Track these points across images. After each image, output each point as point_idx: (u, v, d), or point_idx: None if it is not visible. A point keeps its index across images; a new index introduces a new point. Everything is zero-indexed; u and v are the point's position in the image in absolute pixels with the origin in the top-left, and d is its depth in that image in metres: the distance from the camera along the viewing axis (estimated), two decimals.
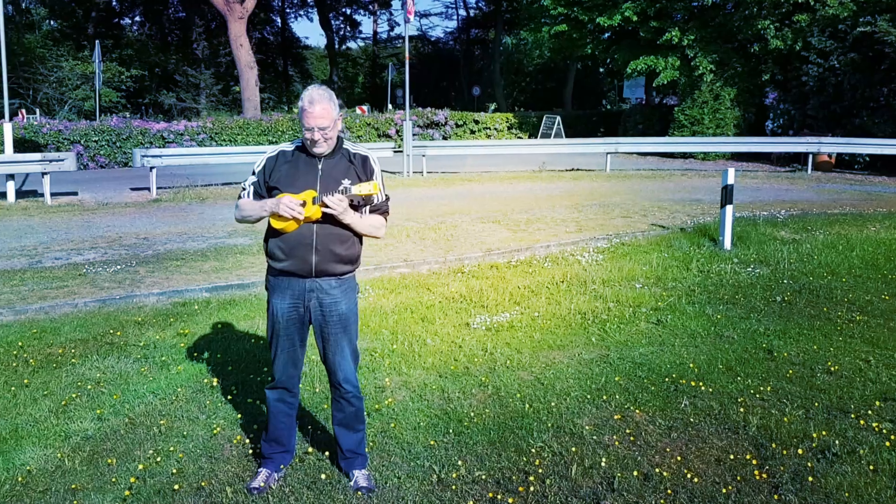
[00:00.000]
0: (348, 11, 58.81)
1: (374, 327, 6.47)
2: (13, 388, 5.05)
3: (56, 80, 35.29)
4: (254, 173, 3.71)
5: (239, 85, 32.06)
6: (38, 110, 32.02)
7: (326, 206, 3.46)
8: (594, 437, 4.45)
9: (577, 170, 20.10)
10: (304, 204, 3.51)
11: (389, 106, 35.92)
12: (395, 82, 46.44)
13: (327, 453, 4.10)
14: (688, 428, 4.59)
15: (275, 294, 3.72)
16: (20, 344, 5.85)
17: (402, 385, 5.22)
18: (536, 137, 29.31)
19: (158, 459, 4.09)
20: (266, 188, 3.64)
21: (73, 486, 3.80)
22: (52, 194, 13.87)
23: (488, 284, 7.94)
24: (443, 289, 7.75)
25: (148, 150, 15.19)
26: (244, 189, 3.72)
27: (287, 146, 3.72)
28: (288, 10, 58.14)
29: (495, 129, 30.26)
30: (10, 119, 21.77)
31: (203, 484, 3.84)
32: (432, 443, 4.33)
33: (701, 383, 5.20)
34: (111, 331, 6.20)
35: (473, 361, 5.68)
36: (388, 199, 3.81)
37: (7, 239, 10.18)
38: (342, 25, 60.82)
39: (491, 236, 10.41)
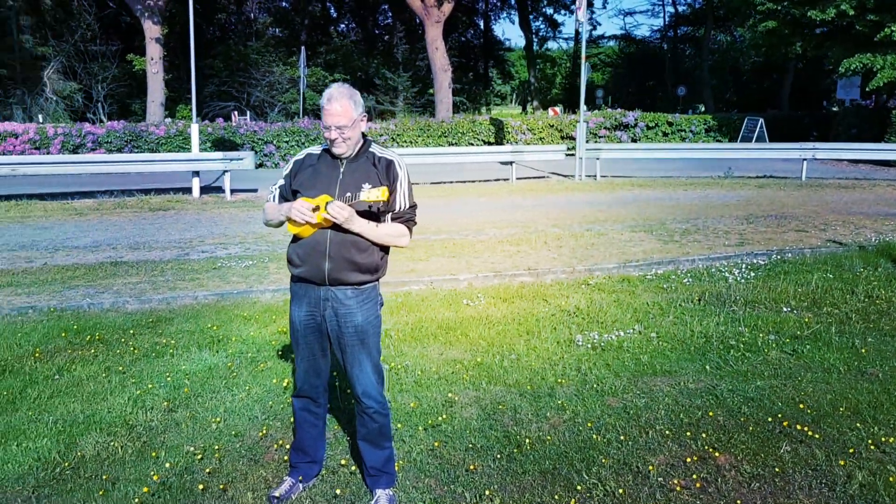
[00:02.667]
0: (549, 11, 58.50)
1: (472, 337, 6.24)
2: (110, 375, 5.33)
3: (267, 84, 37.92)
4: (283, 176, 3.62)
5: (433, 87, 32.85)
6: (248, 112, 34.58)
7: (331, 215, 3.30)
8: (659, 479, 3.97)
9: (769, 177, 18.63)
10: (317, 209, 3.36)
11: (583, 107, 35.33)
12: (593, 83, 45.62)
13: (354, 468, 3.95)
14: (776, 479, 3.98)
15: (293, 301, 3.62)
16: (132, 332, 6.21)
17: (473, 401, 4.96)
18: (737, 141, 27.53)
19: (199, 457, 4.12)
20: (291, 191, 3.53)
21: (113, 476, 3.90)
22: (232, 191, 14.81)
23: (612, 299, 7.45)
24: (561, 301, 7.36)
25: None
26: (271, 192, 3.64)
27: (315, 149, 3.59)
28: (490, 13, 58.83)
29: (691, 131, 28.74)
30: (225, 120, 23.74)
31: (228, 487, 3.81)
32: (472, 467, 4.04)
33: (813, 428, 4.51)
34: (218, 325, 6.42)
35: (562, 382, 5.30)
36: (413, 207, 3.57)
37: (172, 231, 10.97)
38: (542, 26, 60.67)
39: (636, 246, 9.80)
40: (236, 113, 33.54)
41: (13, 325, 6.38)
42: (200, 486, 3.77)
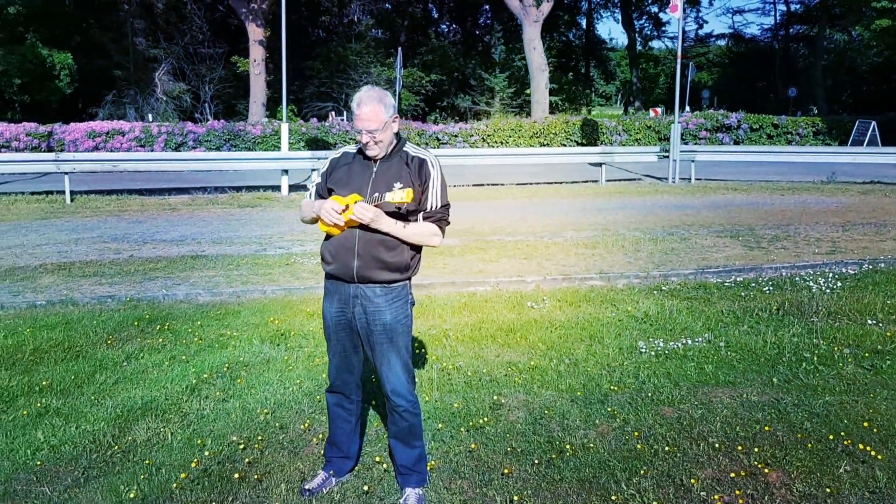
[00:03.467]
0: (654, 10, 57.23)
1: (531, 341, 6.17)
2: (173, 364, 5.54)
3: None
4: (320, 174, 3.67)
5: (530, 88, 32.66)
6: (345, 113, 35.26)
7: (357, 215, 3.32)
8: (701, 493, 3.82)
9: (875, 182, 17.66)
10: (346, 209, 3.39)
11: (687, 108, 34.39)
12: (700, 83, 44.30)
13: (388, 466, 3.96)
14: (828, 499, 3.77)
15: (326, 297, 3.66)
16: (199, 323, 6.42)
17: (521, 405, 4.90)
18: (847, 144, 26.23)
19: (242, 447, 4.22)
20: (326, 189, 3.57)
21: (159, 462, 4.04)
22: None
23: (685, 306, 7.22)
24: (630, 306, 7.18)
25: None
26: (308, 190, 3.69)
27: (351, 148, 3.62)
28: (592, 11, 58.07)
29: (798, 134, 27.56)
30: (320, 121, 24.33)
31: (264, 477, 3.89)
32: (507, 471, 3.99)
33: (878, 448, 4.24)
34: (282, 319, 6.58)
35: (617, 389, 5.18)
36: (446, 206, 3.55)
37: (255, 227, 11.30)
38: (645, 24, 59.45)
39: (718, 252, 9.47)
40: (333, 113, 34.26)
41: (92, 312, 6.71)
42: (237, 476, 3.86)
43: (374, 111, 3.37)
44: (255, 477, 3.89)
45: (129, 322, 6.42)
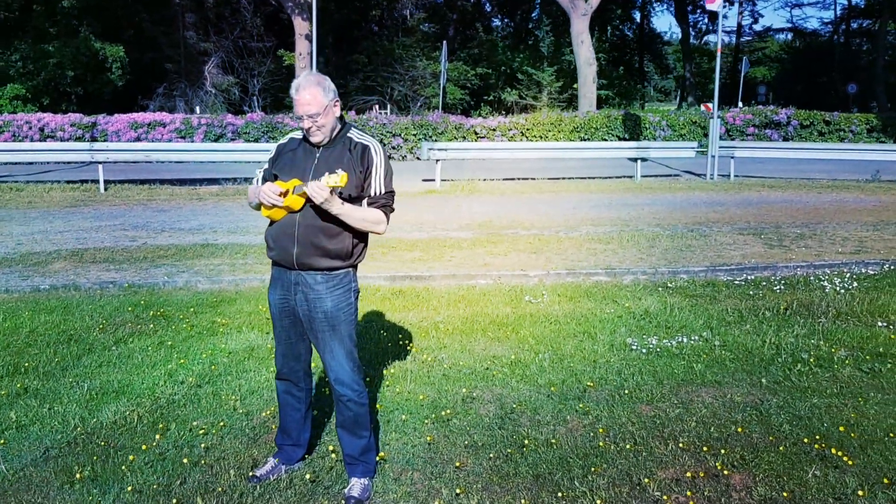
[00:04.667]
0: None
1: (522, 335, 6.10)
2: (160, 349, 5.62)
3: (410, 78, 38.68)
4: (268, 160, 3.67)
5: (577, 82, 32.34)
6: (389, 106, 35.41)
7: (308, 195, 3.29)
8: (656, 493, 3.73)
9: None
10: (285, 193, 3.38)
11: (739, 104, 33.65)
12: (754, 78, 43.25)
13: (337, 454, 3.95)
14: None
15: (270, 284, 3.67)
16: (193, 310, 6.51)
17: (495, 399, 4.85)
18: None
19: (203, 432, 4.26)
20: (272, 175, 3.57)
21: (119, 444, 4.10)
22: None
23: (689, 304, 7.06)
24: (632, 303, 7.05)
25: (434, 143, 15.97)
26: (255, 176, 3.70)
27: (298, 134, 3.61)
28: (647, 5, 57.22)
29: (850, 131, 26.73)
30: (359, 114, 24.45)
31: (215, 462, 3.92)
32: (458, 464, 3.95)
33: (854, 453, 4.09)
34: None
35: (597, 386, 5.09)
36: (389, 193, 3.51)
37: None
38: (700, 18, 58.34)
39: (736, 250, 9.24)
40: (377, 106, 34.44)
41: (92, 297, 6.86)
42: (185, 460, 3.89)
43: (313, 95, 3.35)
44: (207, 462, 3.92)
45: (125, 308, 6.54)
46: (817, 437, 4.30)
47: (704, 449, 4.17)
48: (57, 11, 31.24)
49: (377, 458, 3.87)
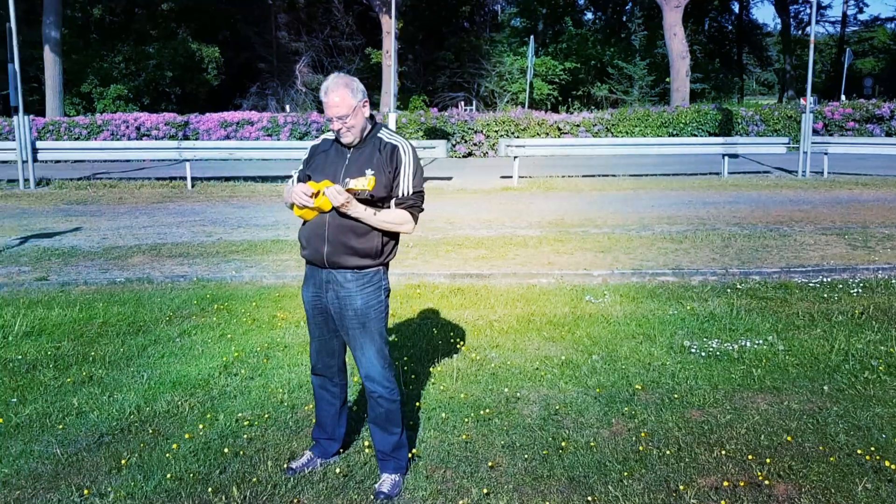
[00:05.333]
0: None
1: (578, 336, 6.03)
2: (220, 342, 5.81)
3: (497, 74, 38.63)
4: (302, 161, 3.75)
5: (670, 76, 31.62)
6: (474, 102, 35.47)
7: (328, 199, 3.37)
8: (692, 500, 3.64)
9: None
10: (316, 194, 3.45)
11: (842, 97, 32.19)
12: (859, 70, 41.24)
13: (371, 450, 4.00)
14: None
15: (304, 282, 3.75)
16: (255, 304, 6.71)
17: (540, 399, 4.81)
18: None
19: (247, 423, 4.39)
20: (306, 176, 3.65)
21: (169, 433, 4.27)
22: (426, 178, 15.31)
23: (758, 306, 6.83)
24: (697, 305, 6.87)
25: (512, 140, 15.92)
26: (291, 176, 3.78)
27: (331, 135, 3.67)
28: None
29: None
30: (440, 110, 24.59)
31: (256, 453, 4.03)
32: (491, 464, 3.95)
33: None
34: None
35: (647, 389, 4.99)
36: (418, 193, 3.55)
37: None
38: (801, 7, 56.00)
39: (816, 251, 8.86)
40: (462, 103, 34.56)
41: (163, 290, 7.15)
42: (227, 450, 4.02)
43: (341, 97, 3.41)
44: (246, 453, 4.03)
45: (192, 301, 6.79)
46: (873, 448, 4.11)
47: (750, 457, 4.04)
48: (157, 14, 32.63)
49: (409, 455, 3.90)
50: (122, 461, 3.93)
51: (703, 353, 5.63)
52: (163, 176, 15.98)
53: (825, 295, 7.16)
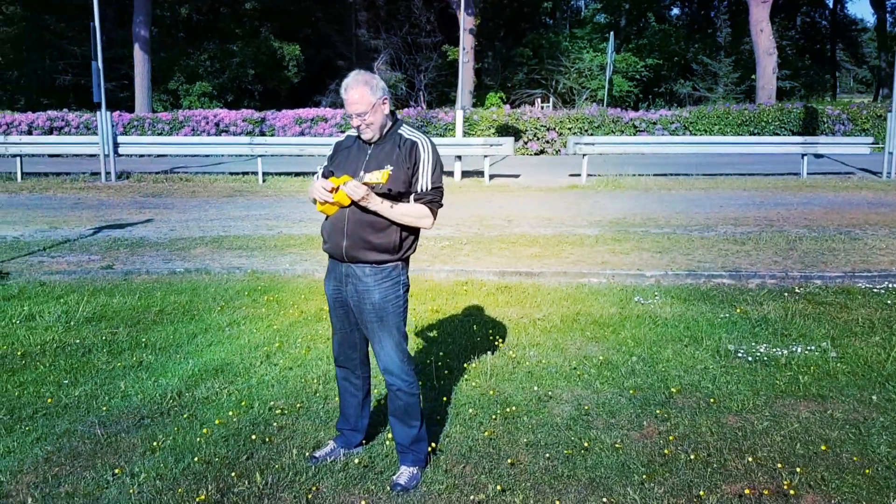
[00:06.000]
0: None
1: (622, 337, 5.95)
2: (267, 332, 5.98)
3: (576, 71, 38.22)
4: (327, 158, 3.84)
5: (755, 73, 30.73)
6: (552, 99, 35.20)
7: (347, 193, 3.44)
8: None
9: None
10: (336, 189, 3.52)
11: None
12: None
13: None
14: None
15: (326, 275, 3.83)
16: (304, 297, 6.88)
17: (573, 399, 4.78)
18: None
19: (279, 412, 4.51)
20: (329, 172, 3.73)
21: (204, 418, 4.43)
22: (492, 176, 15.33)
23: (816, 311, 6.61)
24: (751, 308, 6.69)
25: (580, 138, 15.75)
26: (316, 172, 3.87)
27: (353, 131, 3.74)
28: None
29: None
30: (513, 107, 24.55)
31: (284, 441, 4.15)
32: (511, 461, 3.96)
33: None
34: None
35: (685, 392, 4.91)
36: (436, 189, 3.59)
37: None
38: None
39: (887, 255, 8.49)
40: (539, 100, 34.35)
41: (219, 281, 7.39)
42: (254, 437, 4.15)
43: (361, 94, 3.48)
44: (274, 440, 4.15)
45: (245, 292, 6.99)
46: None
47: (780, 465, 3.93)
48: (241, 13, 33.54)
49: (430, 449, 3.94)
50: (156, 443, 4.10)
51: (749, 358, 5.49)
52: (237, 171, 16.46)
53: (889, 301, 6.88)
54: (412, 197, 3.57)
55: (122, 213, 11.49)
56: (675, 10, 52.61)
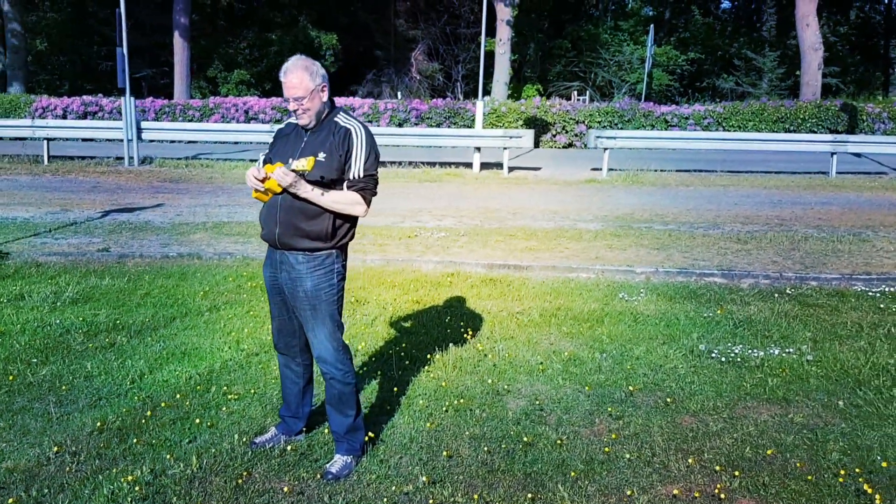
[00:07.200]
0: None
1: (597, 333, 5.89)
2: (244, 317, 6.06)
3: (616, 64, 37.79)
4: (269, 145, 3.88)
5: (800, 68, 30.09)
6: (588, 92, 34.83)
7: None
8: None
9: None
10: (266, 177, 3.56)
11: None
12: None
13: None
14: None
15: (264, 262, 3.87)
16: None
17: (530, 394, 4.76)
18: None
19: (233, 398, 4.57)
20: (269, 159, 3.77)
21: (155, 401, 4.52)
22: (511, 168, 15.27)
23: (803, 313, 6.48)
24: (737, 308, 6.59)
25: (602, 132, 15.58)
26: (258, 160, 3.91)
27: (294, 119, 3.77)
28: None
29: None
30: (550, 98, 24.38)
31: (229, 426, 4.20)
32: (447, 454, 3.96)
33: (884, 493, 3.64)
34: (367, 287, 6.88)
35: (646, 391, 4.86)
36: (369, 177, 3.60)
37: (416, 200, 11.72)
38: None
39: (894, 258, 8.27)
40: (576, 93, 34.04)
41: (208, 267, 7.48)
42: (199, 421, 4.22)
43: (299, 79, 3.50)
44: (220, 425, 4.21)
45: (231, 277, 7.08)
46: (860, 469, 3.85)
47: (717, 468, 3.87)
48: (280, 2, 33.82)
49: (365, 439, 3.96)
50: (105, 424, 4.18)
51: (722, 359, 5.42)
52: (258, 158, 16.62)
53: (882, 305, 6.70)
54: (345, 184, 3.59)
55: (136, 197, 11.71)
56: (726, 4, 51.67)
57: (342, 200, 3.57)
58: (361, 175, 3.58)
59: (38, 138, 15.95)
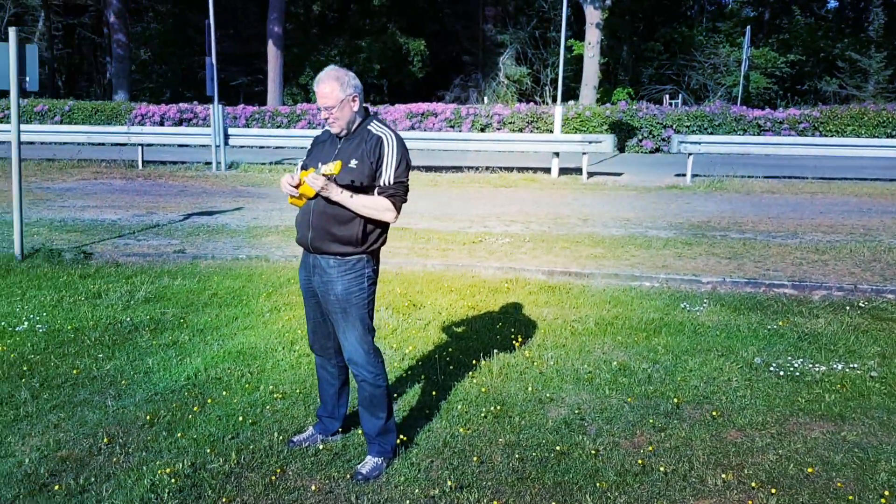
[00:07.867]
0: None
1: (653, 343, 5.80)
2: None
3: (711, 66, 36.82)
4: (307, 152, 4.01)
5: None
6: (681, 96, 34.00)
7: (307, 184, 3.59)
8: None
9: None
10: (300, 183, 3.67)
11: None
12: None
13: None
14: None
15: (300, 265, 4.00)
16: None
17: (573, 404, 4.71)
18: None
19: (278, 396, 4.72)
20: (305, 165, 3.90)
21: (209, 396, 4.71)
22: (591, 174, 15.10)
23: (874, 327, 6.23)
24: (804, 320, 6.37)
25: (686, 136, 15.22)
26: (296, 165, 4.03)
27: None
28: None
29: None
30: (638, 101, 23.99)
31: (270, 424, 4.35)
32: (477, 459, 3.99)
33: None
34: (424, 292, 6.96)
35: (694, 404, 4.77)
36: (399, 184, 3.69)
37: (488, 206, 11.73)
38: None
39: None
40: (668, 97, 33.32)
41: (275, 268, 7.72)
42: (241, 418, 4.38)
43: (330, 89, 3.61)
44: (263, 423, 4.35)
45: (294, 280, 7.28)
46: None
47: (753, 485, 3.77)
48: (370, 10, 34.44)
49: (397, 441, 4.02)
50: (157, 418, 4.39)
51: (780, 373, 5.25)
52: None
53: None
54: (376, 190, 3.68)
55: (218, 201, 12.17)
56: (833, 3, 49.58)
57: (371, 205, 3.65)
58: (392, 182, 3.66)
59: (133, 144, 16.79)
